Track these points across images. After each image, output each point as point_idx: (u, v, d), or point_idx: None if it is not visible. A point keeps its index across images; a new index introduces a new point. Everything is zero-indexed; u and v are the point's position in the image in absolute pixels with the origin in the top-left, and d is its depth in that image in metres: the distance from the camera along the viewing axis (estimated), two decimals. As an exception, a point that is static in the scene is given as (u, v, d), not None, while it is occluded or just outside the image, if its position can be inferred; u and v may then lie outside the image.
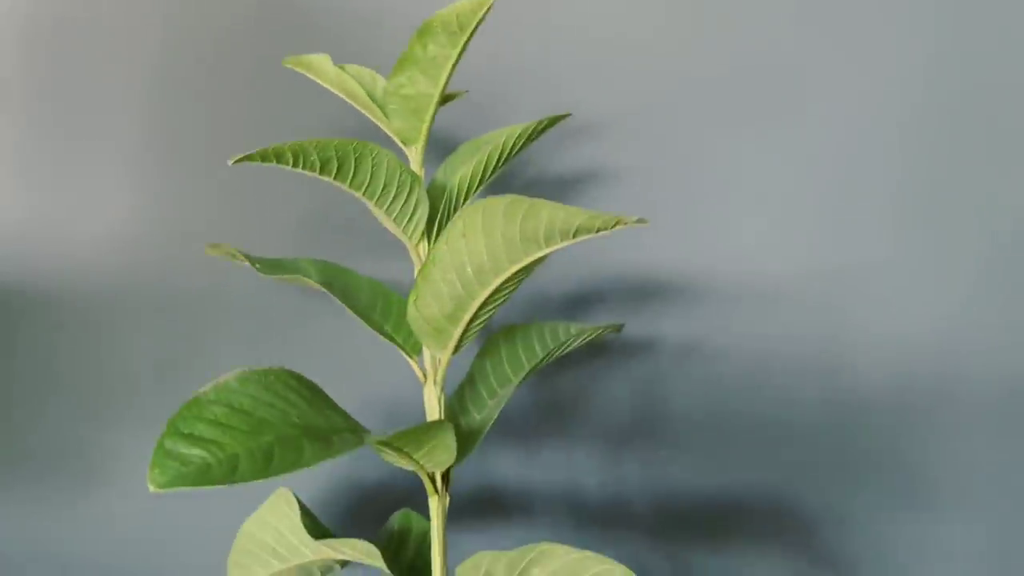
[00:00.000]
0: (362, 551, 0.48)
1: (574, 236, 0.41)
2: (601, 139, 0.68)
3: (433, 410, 0.52)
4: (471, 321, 0.48)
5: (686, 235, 0.68)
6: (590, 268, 0.69)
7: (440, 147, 0.65)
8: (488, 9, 0.47)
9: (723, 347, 0.69)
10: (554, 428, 0.71)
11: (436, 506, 0.50)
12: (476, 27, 0.48)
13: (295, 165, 0.44)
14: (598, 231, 0.41)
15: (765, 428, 0.70)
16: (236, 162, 0.42)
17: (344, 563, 0.60)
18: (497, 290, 0.46)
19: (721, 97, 0.67)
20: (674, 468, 0.71)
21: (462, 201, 0.53)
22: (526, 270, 0.45)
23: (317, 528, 0.55)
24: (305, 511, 0.55)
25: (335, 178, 0.46)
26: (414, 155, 0.53)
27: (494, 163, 0.53)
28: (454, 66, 0.50)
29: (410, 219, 0.51)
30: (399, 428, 0.44)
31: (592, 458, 0.71)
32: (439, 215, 0.52)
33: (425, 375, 0.52)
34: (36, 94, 0.69)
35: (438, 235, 0.52)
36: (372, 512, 0.69)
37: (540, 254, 0.43)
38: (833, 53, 0.66)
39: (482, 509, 0.72)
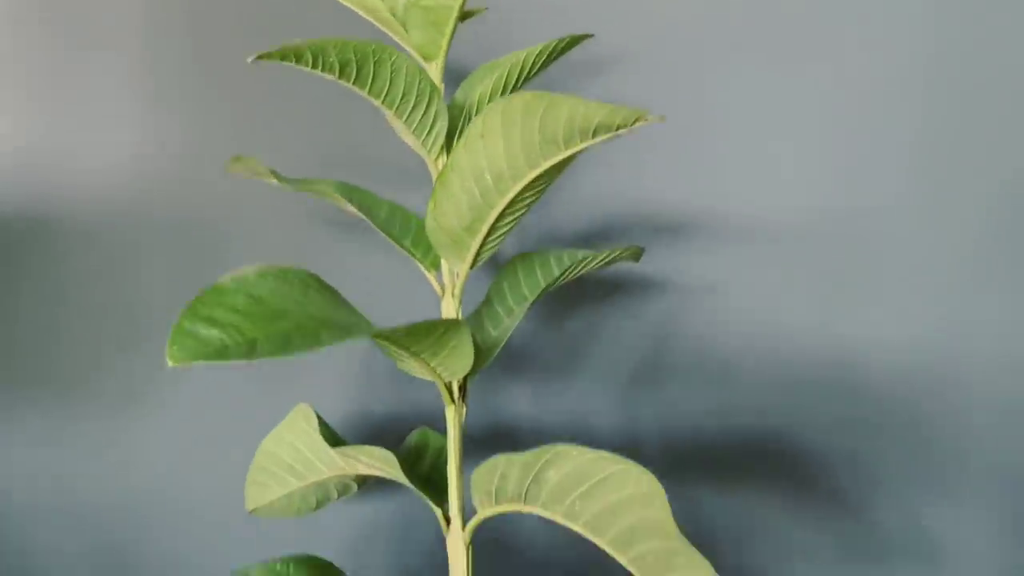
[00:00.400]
0: (379, 459, 0.49)
1: (594, 135, 0.41)
2: (616, 72, 0.67)
3: (451, 324, 0.52)
4: (489, 233, 0.48)
5: (699, 174, 0.68)
6: (602, 208, 0.69)
7: (457, 78, 0.65)
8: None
9: (736, 287, 0.69)
10: (566, 368, 0.71)
11: (453, 416, 0.50)
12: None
13: (314, 66, 0.44)
14: (618, 128, 0.40)
15: (775, 370, 0.69)
16: (255, 59, 0.42)
17: (361, 482, 0.61)
18: (516, 199, 0.46)
19: (739, 34, 0.66)
20: (684, 409, 0.71)
21: (482, 117, 0.52)
22: (546, 177, 0.45)
23: (336, 442, 0.55)
24: (324, 425, 0.55)
25: (354, 83, 0.46)
26: (434, 71, 0.53)
27: (514, 80, 0.53)
28: (474, -25, 0.49)
29: (429, 131, 0.51)
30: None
31: (603, 398, 0.71)
32: (458, 132, 0.52)
33: (443, 289, 0.52)
34: (43, 15, 0.69)
35: (458, 150, 0.51)
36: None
37: (560, 156, 0.43)
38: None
39: (494, 447, 0.71)
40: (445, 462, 0.53)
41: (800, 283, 0.69)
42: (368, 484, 0.63)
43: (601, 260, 0.56)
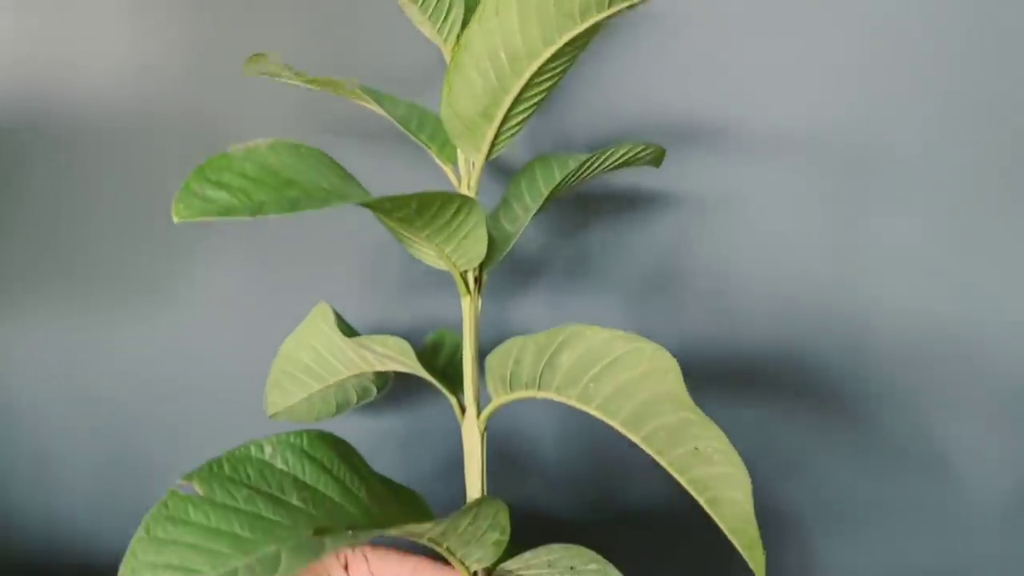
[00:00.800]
0: (393, 348, 0.49)
1: (610, 4, 0.40)
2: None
3: (467, 217, 0.51)
4: (505, 121, 0.48)
5: (717, 85, 0.66)
6: (614, 119, 0.67)
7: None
8: None
9: (751, 201, 0.67)
10: (578, 282, 0.70)
11: (468, 307, 0.50)
12: None
13: (326, -58, 0.43)
14: (636, -4, 0.39)
15: (789, 284, 0.68)
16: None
17: (381, 386, 0.61)
18: (532, 82, 0.45)
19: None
20: (694, 323, 0.70)
21: (499, 7, 0.51)
22: (562, 58, 0.44)
23: (353, 336, 0.55)
24: (341, 320, 0.55)
25: (367, -38, 0.45)
26: (449, -41, 0.52)
27: (532, -31, 0.51)
28: None
29: (445, 18, 0.50)
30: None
31: (615, 311, 0.70)
32: (474, 21, 0.51)
33: (459, 180, 0.52)
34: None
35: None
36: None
37: (576, 30, 0.42)
38: None
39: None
40: (461, 358, 0.53)
41: (818, 198, 0.67)
42: (387, 390, 0.63)
43: (621, 156, 0.55)
